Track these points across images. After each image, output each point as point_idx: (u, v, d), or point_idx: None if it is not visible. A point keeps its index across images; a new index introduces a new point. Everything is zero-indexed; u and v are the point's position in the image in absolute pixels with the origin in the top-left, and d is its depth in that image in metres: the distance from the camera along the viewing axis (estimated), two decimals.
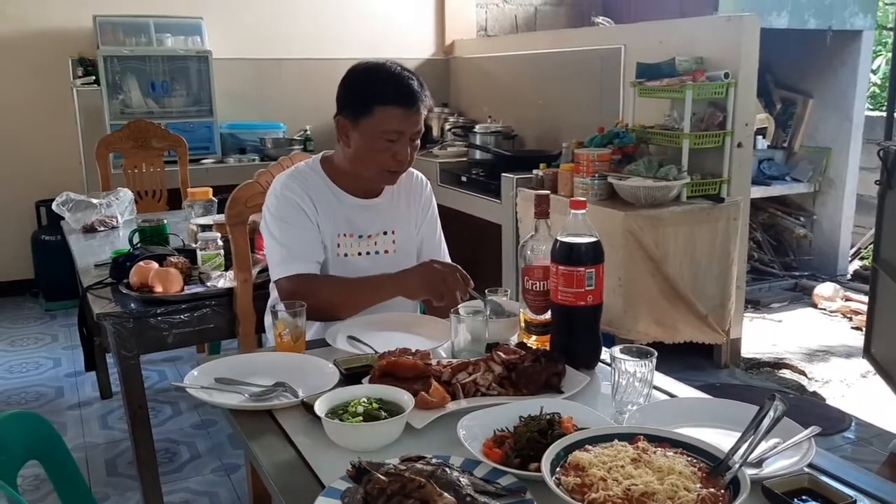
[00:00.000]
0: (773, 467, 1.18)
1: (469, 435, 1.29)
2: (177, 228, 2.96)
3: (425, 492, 1.05)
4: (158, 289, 2.28)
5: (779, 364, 4.33)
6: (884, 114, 6.43)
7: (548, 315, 1.70)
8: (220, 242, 2.46)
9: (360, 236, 2.04)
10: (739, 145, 3.66)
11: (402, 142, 1.92)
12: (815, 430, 1.27)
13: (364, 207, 2.04)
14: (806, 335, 4.80)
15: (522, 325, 1.75)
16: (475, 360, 1.53)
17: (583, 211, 1.61)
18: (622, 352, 1.44)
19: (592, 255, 1.59)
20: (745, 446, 1.09)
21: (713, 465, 1.09)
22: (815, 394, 3.93)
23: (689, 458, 1.11)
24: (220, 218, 2.75)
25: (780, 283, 5.75)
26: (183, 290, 2.32)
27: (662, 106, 3.85)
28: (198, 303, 2.31)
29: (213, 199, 3.10)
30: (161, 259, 2.44)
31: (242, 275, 2.28)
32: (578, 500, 1.02)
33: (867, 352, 3.87)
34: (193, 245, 2.68)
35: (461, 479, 1.10)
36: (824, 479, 1.15)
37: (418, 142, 1.98)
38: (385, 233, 2.06)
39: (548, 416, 1.29)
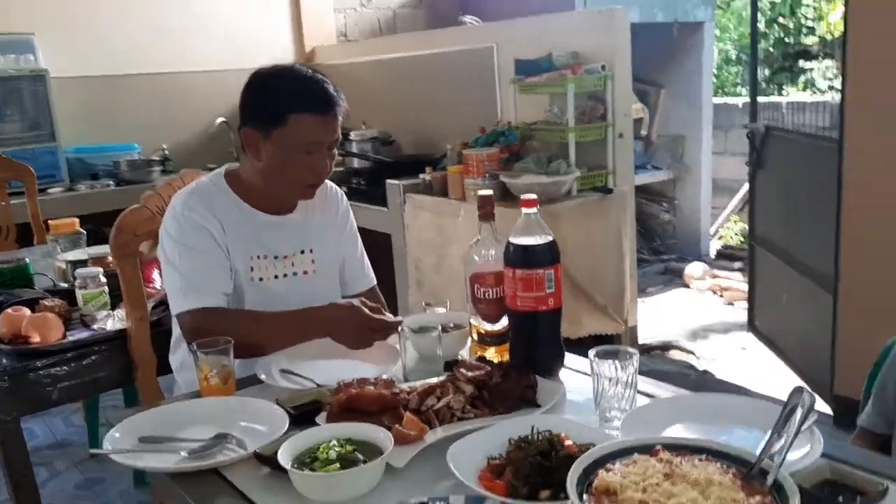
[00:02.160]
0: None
1: (460, 467, 1.15)
2: (40, 267, 2.61)
3: None
4: (35, 338, 1.98)
5: (668, 346, 4.45)
6: (726, 100, 6.85)
7: (503, 324, 1.59)
8: (103, 279, 2.17)
9: (276, 257, 1.84)
10: (621, 136, 3.72)
11: (321, 152, 1.75)
12: (815, 417, 1.23)
13: (277, 225, 1.85)
14: (685, 315, 4.98)
15: (475, 336, 1.63)
16: (441, 382, 1.38)
17: (534, 210, 1.51)
18: (600, 356, 1.35)
19: (549, 255, 1.49)
20: (779, 445, 1.02)
21: (746, 471, 1.01)
22: (705, 372, 4.06)
23: (719, 465, 1.03)
24: (96, 251, 2.44)
25: (651, 268, 5.96)
26: (65, 336, 2.02)
27: (542, 102, 3.85)
28: (84, 350, 2.02)
29: (82, 230, 2.76)
30: (33, 304, 2.12)
31: (136, 313, 2.01)
32: None
33: (751, 325, 4.05)
34: (65, 284, 2.37)
35: None
36: (842, 466, 1.10)
37: (336, 151, 1.81)
38: (302, 251, 1.88)
39: (546, 436, 1.17)
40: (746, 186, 6.41)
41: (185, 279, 1.74)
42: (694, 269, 5.72)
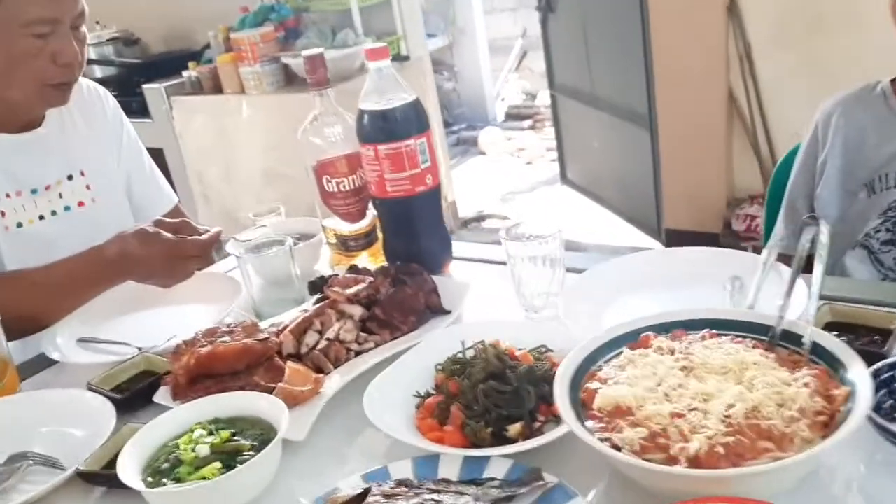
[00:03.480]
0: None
1: (385, 420, 0.83)
2: None
3: None
4: None
5: (482, 216, 4.32)
6: None
7: (367, 220, 1.25)
8: None
9: (34, 191, 1.34)
10: None
11: (62, 33, 1.25)
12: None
13: (23, 146, 1.34)
14: (490, 183, 4.86)
15: (332, 241, 1.28)
16: (316, 311, 1.03)
17: (386, 62, 1.15)
18: (513, 235, 1.07)
19: (417, 119, 1.15)
20: (805, 295, 0.80)
21: (767, 338, 0.78)
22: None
23: (729, 339, 0.79)
24: None
25: (444, 141, 5.77)
26: None
27: None
28: None
29: None
30: None
31: None
32: (667, 464, 0.65)
33: (563, 177, 3.98)
34: None
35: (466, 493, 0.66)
36: (841, 304, 0.91)
37: (85, 29, 1.31)
38: (70, 177, 1.39)
39: (490, 351, 0.87)
40: (521, 42, 6.36)
41: None
42: (487, 135, 5.60)
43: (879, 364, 0.75)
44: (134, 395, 0.98)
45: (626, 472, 0.69)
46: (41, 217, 1.35)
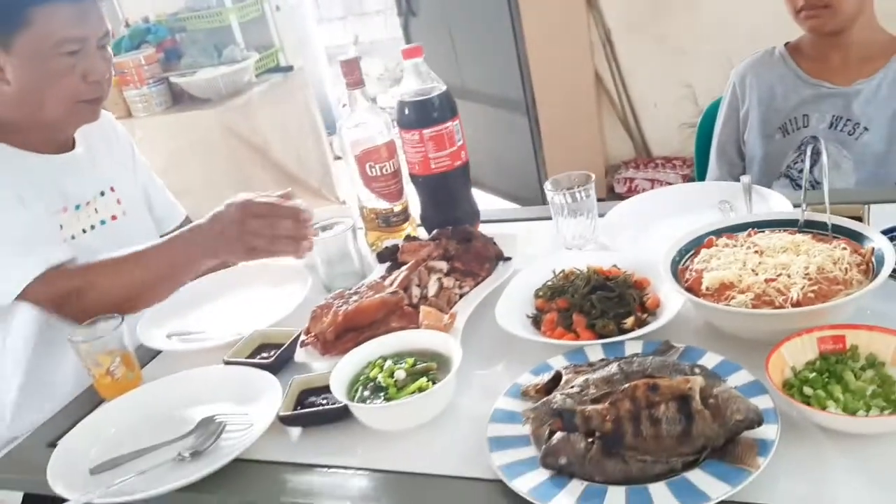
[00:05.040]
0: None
1: (524, 335, 1.05)
2: None
3: (664, 385, 0.82)
4: None
5: None
6: None
7: (404, 198, 1.44)
8: None
9: (78, 206, 1.41)
10: (278, 8, 3.48)
11: (90, 52, 1.33)
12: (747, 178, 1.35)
13: (65, 166, 1.41)
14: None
15: (376, 222, 1.45)
16: (410, 269, 1.21)
17: (420, 59, 1.35)
18: (555, 186, 1.31)
19: (451, 104, 1.36)
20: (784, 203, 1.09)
21: (796, 228, 1.08)
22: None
23: (771, 231, 1.08)
24: None
25: None
26: None
27: None
28: None
29: None
30: None
31: None
32: (779, 308, 0.92)
33: None
34: None
35: (652, 360, 0.89)
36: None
37: (110, 48, 1.40)
38: (102, 193, 1.46)
39: (589, 269, 1.12)
40: (354, 49, 6.57)
41: (9, 242, 1.26)
42: (339, 141, 5.75)
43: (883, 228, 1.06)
44: (278, 358, 1.12)
45: (745, 324, 0.95)
46: (84, 231, 1.41)
